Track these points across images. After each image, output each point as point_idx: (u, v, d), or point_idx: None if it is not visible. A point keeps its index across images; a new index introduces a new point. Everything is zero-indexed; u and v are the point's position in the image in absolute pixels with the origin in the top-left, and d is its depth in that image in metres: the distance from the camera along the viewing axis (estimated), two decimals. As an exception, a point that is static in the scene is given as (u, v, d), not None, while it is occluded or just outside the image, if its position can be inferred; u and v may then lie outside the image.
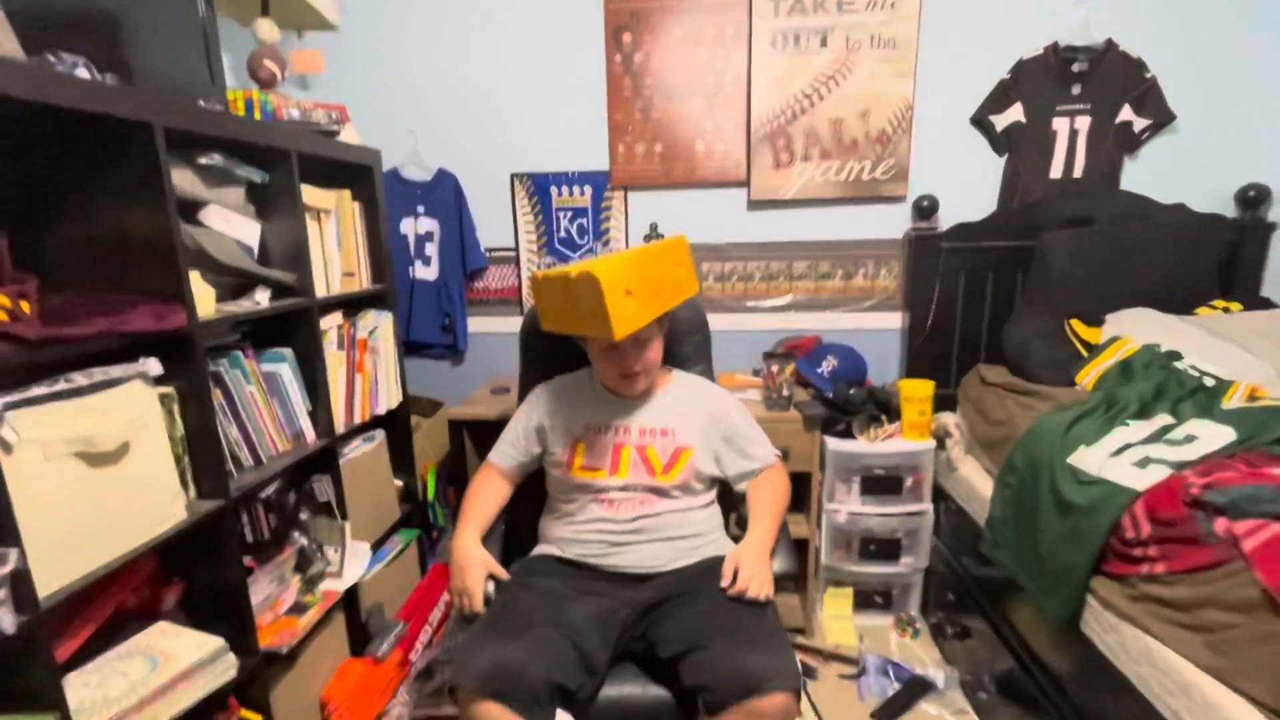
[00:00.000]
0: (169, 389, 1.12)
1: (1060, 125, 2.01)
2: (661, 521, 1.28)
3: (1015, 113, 2.02)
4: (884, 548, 1.92)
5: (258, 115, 1.42)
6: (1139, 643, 1.05)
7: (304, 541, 1.49)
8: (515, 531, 1.46)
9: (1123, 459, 1.22)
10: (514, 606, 1.16)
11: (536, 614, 1.12)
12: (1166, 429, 1.27)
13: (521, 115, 2.18)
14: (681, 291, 1.33)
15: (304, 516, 1.53)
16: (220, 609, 1.23)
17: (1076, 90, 1.98)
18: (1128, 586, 1.10)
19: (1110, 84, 1.97)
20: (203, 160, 1.22)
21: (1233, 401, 1.34)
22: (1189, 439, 1.21)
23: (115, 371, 0.99)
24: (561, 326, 1.27)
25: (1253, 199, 1.93)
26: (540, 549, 1.36)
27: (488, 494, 1.39)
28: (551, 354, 1.52)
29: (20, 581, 0.84)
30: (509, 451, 1.41)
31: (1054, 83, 1.99)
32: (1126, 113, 1.98)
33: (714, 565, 1.22)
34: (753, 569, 1.16)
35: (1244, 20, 1.91)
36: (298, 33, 1.90)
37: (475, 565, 1.24)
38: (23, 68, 0.88)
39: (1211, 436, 1.19)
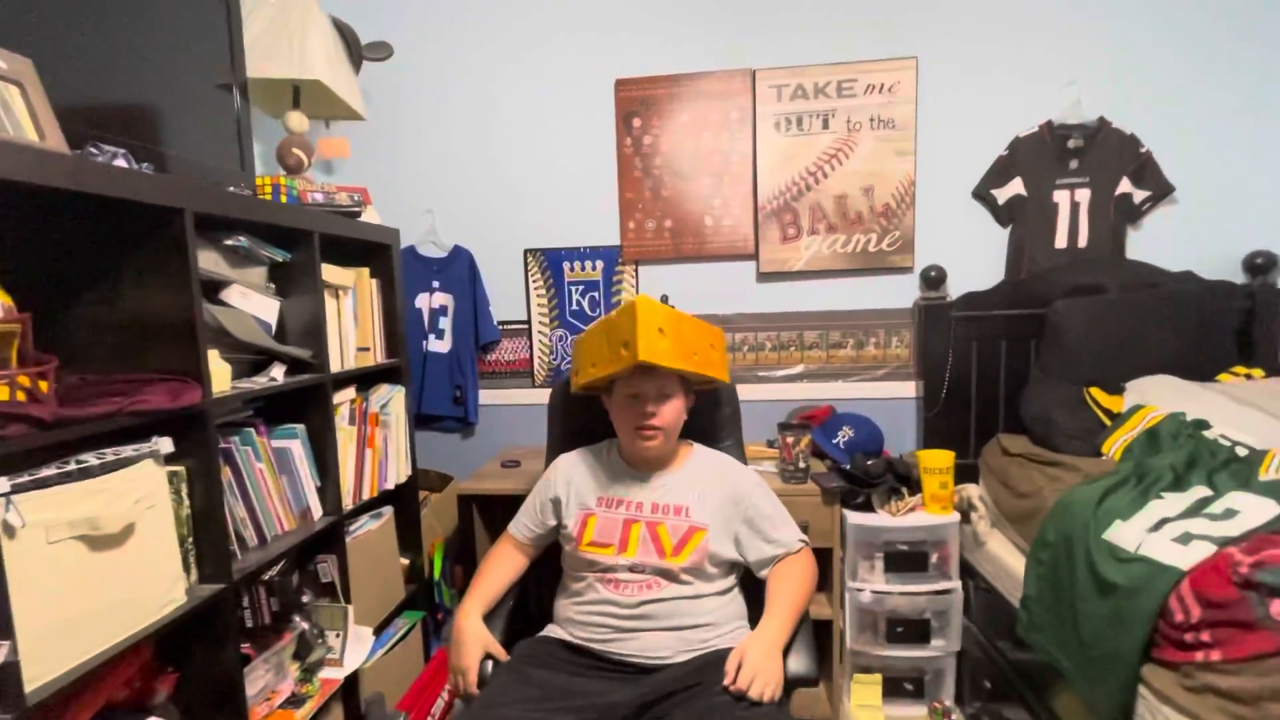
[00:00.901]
0: (179, 467, 1.10)
1: (1061, 197, 2.06)
2: (669, 608, 1.21)
3: (1016, 186, 2.07)
4: (912, 629, 1.82)
5: (284, 199, 1.48)
6: (1202, 741, 0.97)
7: (305, 626, 1.43)
8: (526, 608, 1.40)
9: (1162, 534, 1.16)
10: (497, 700, 1.09)
11: (517, 709, 1.06)
12: (1205, 502, 1.22)
13: (535, 195, 2.26)
14: (710, 366, 1.31)
15: (306, 599, 1.47)
16: (214, 702, 1.16)
17: (1074, 165, 2.04)
18: (1183, 676, 1.02)
19: (1107, 158, 2.02)
20: (229, 242, 1.26)
21: (1270, 472, 1.29)
22: (1230, 513, 1.16)
23: (127, 451, 0.98)
24: (590, 374, 1.28)
25: (1261, 265, 1.94)
26: (548, 629, 1.30)
27: (500, 567, 1.35)
28: (579, 428, 1.50)
29: (7, 676, 0.80)
30: (525, 523, 1.38)
31: (1051, 158, 2.05)
32: (1125, 185, 2.03)
33: (723, 659, 1.13)
34: (757, 665, 1.08)
35: (1232, 95, 1.99)
36: (325, 122, 2.00)
37: (473, 643, 1.21)
38: (66, 159, 0.92)
39: (1254, 510, 1.14)
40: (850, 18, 2.08)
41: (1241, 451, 1.40)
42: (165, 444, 1.04)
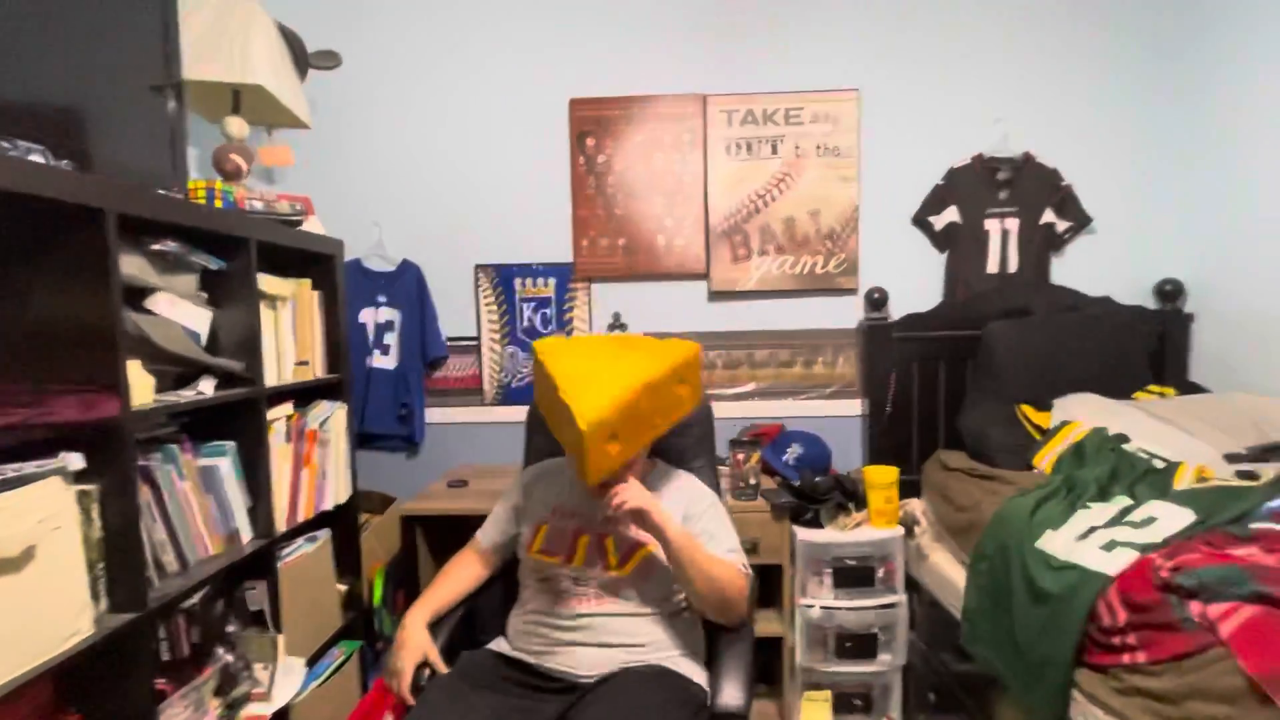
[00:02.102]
0: (90, 486, 1.02)
1: (992, 225, 2.18)
2: (604, 624, 1.17)
3: (951, 214, 2.18)
4: (860, 644, 1.84)
5: (219, 204, 1.41)
6: (1131, 741, 1.00)
7: (229, 659, 1.33)
8: (476, 618, 1.37)
9: (1090, 542, 1.22)
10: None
11: None
12: (1126, 510, 1.29)
13: (487, 210, 2.24)
14: (678, 410, 1.25)
15: (231, 629, 1.37)
16: (121, 745, 1.07)
17: (1003, 195, 2.17)
18: (1112, 679, 1.07)
19: (1032, 190, 2.16)
20: (156, 247, 1.19)
21: (1183, 482, 1.38)
22: (1149, 521, 1.23)
23: (30, 467, 0.90)
24: (546, 416, 1.25)
25: (1169, 292, 2.10)
26: (494, 643, 1.28)
27: (457, 574, 1.33)
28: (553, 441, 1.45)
29: (-125, 720, 0.71)
30: (489, 529, 1.37)
31: (983, 188, 2.17)
32: (1049, 215, 2.17)
33: (661, 676, 1.11)
34: (634, 492, 1.11)
35: (1144, 133, 2.16)
36: (268, 129, 1.94)
37: (411, 648, 1.19)
38: (-29, 151, 0.86)
39: (1171, 517, 1.21)
40: (797, 49, 2.17)
41: (1158, 464, 1.49)
42: (75, 460, 0.97)
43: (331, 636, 1.67)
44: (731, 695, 1.06)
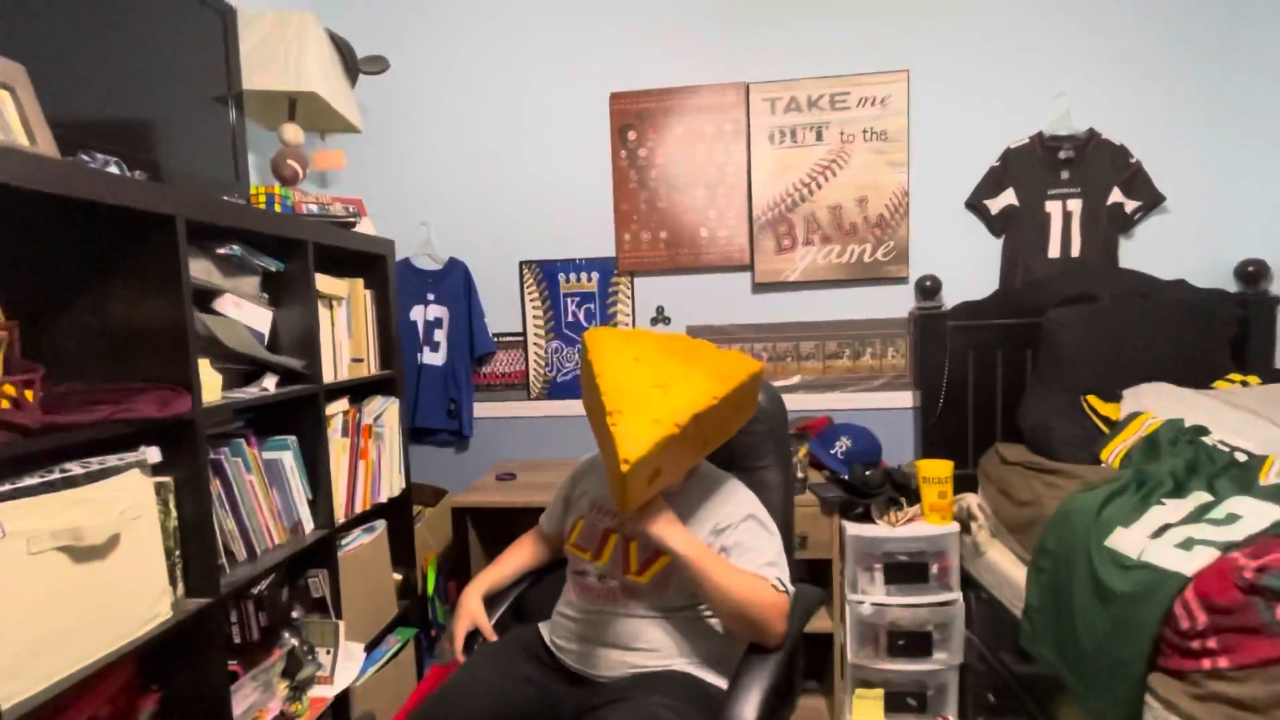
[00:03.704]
0: (166, 478, 1.08)
1: (1053, 208, 2.07)
2: (618, 625, 1.15)
3: (1008, 197, 2.09)
4: (914, 643, 1.79)
5: (278, 209, 1.47)
6: (1212, 751, 0.95)
7: (294, 643, 1.39)
8: (532, 599, 1.38)
9: (1164, 540, 1.15)
10: (452, 699, 1.10)
11: (479, 682, 1.10)
12: (1206, 507, 1.21)
13: (531, 207, 2.26)
14: (731, 428, 1.16)
15: (296, 615, 1.44)
16: (199, 722, 1.13)
17: (1065, 175, 2.06)
18: (1190, 684, 1.01)
19: (1097, 169, 2.04)
20: (222, 251, 1.25)
21: (1270, 477, 1.29)
22: (1232, 518, 1.15)
23: (113, 460, 0.96)
24: (587, 410, 1.14)
25: (1253, 274, 1.96)
26: (543, 623, 1.31)
27: (516, 554, 1.37)
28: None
29: (-16, 692, 0.77)
30: (549, 515, 1.39)
31: (1043, 169, 2.07)
32: (1116, 195, 2.05)
33: (662, 678, 1.07)
34: (648, 508, 1.03)
35: (1221, 106, 2.01)
36: (321, 134, 2.01)
37: (464, 614, 1.25)
38: (58, 164, 0.92)
39: (1256, 514, 1.13)
40: (842, 32, 2.11)
41: (1241, 457, 1.39)
42: (153, 454, 1.02)
43: (389, 624, 1.72)
44: (740, 709, 0.97)
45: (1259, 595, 0.96)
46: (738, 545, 1.12)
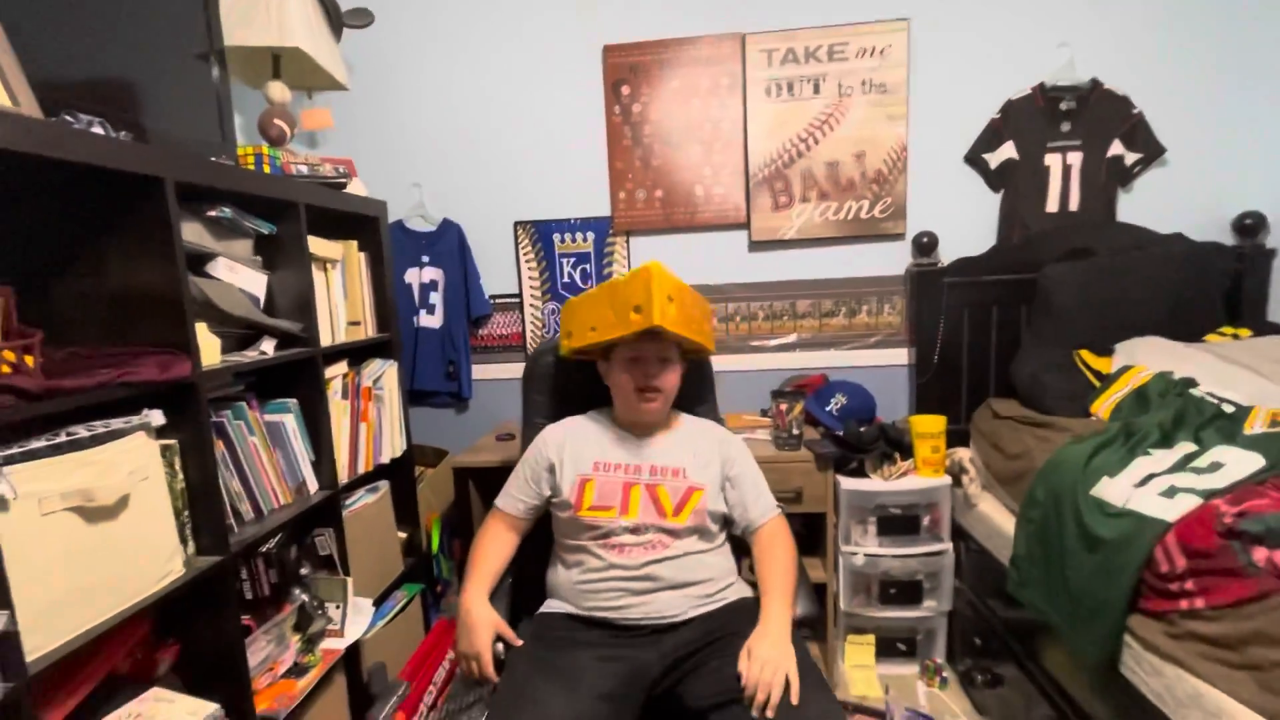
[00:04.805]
0: (171, 441, 1.10)
1: (1053, 161, 2.05)
2: (673, 567, 1.23)
3: (1008, 150, 2.06)
4: (905, 591, 1.85)
5: (267, 170, 1.45)
6: (1185, 685, 0.99)
7: (305, 598, 1.44)
8: (521, 585, 1.41)
9: (1149, 489, 1.18)
10: (527, 692, 1.07)
11: (554, 700, 1.05)
12: (1191, 457, 1.24)
13: (524, 166, 2.23)
14: (704, 336, 1.35)
15: (305, 572, 1.48)
16: (217, 672, 1.17)
17: (1066, 128, 2.03)
18: (1168, 624, 1.05)
19: (1099, 120, 2.01)
20: (212, 213, 1.24)
21: (1255, 427, 1.31)
22: (1215, 466, 1.18)
23: (117, 423, 0.98)
24: (590, 338, 1.29)
25: (1250, 227, 1.95)
26: (550, 604, 1.30)
27: (496, 546, 1.33)
28: (559, 397, 1.51)
29: (8, 646, 0.80)
30: (518, 496, 1.35)
31: (1043, 121, 2.03)
32: (1117, 147, 2.02)
33: (740, 608, 1.22)
34: (769, 659, 1.05)
35: (1223, 56, 1.97)
36: (308, 93, 1.96)
37: (483, 627, 1.19)
38: (40, 124, 0.90)
39: (1239, 463, 1.15)
40: (841, -21, 2.05)
41: (1228, 408, 1.41)
42: (156, 416, 1.04)
43: (395, 580, 1.77)
44: (803, 607, 1.25)
45: (1237, 539, 0.99)
46: (746, 478, 1.34)
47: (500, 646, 1.20)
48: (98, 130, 1.01)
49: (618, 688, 1.10)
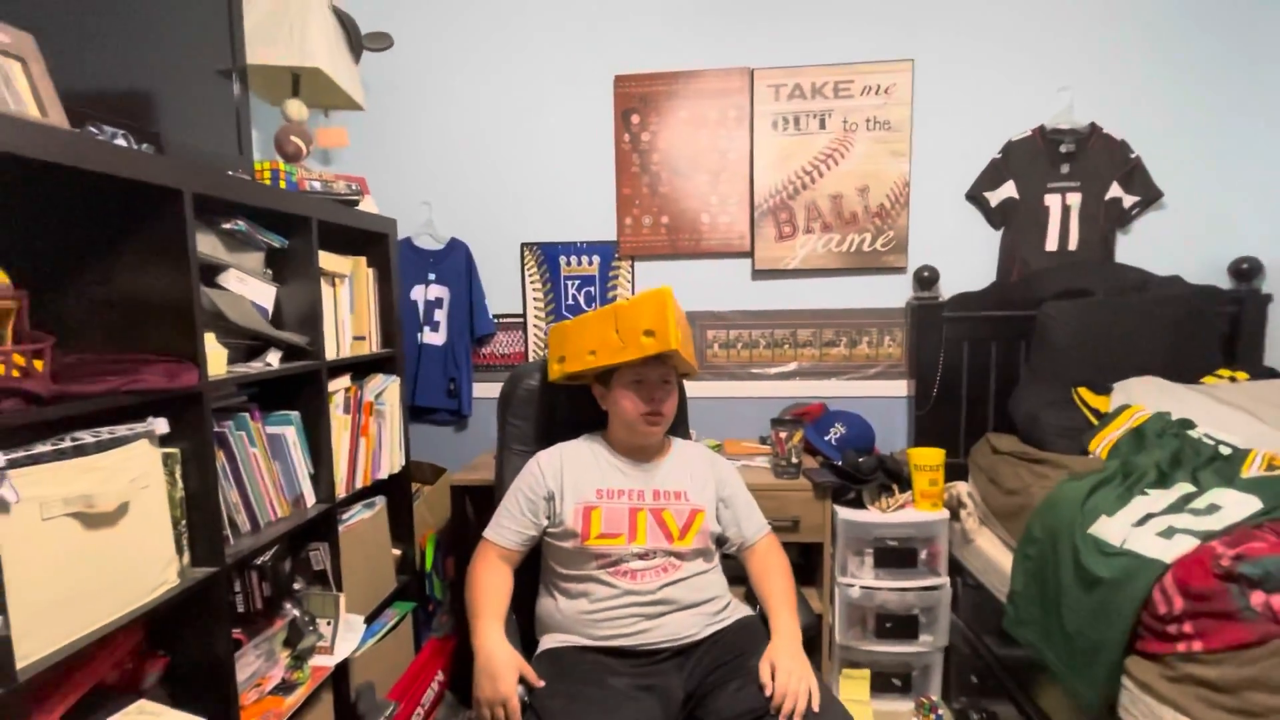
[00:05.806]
0: (173, 449, 1.10)
1: (1052, 201, 2.09)
2: (685, 588, 1.25)
3: (1008, 189, 2.10)
4: (901, 625, 1.84)
5: (282, 185, 1.48)
6: (1183, 729, 0.99)
7: (296, 613, 1.42)
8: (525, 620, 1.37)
9: (1146, 529, 1.18)
10: None
11: None
12: (1188, 498, 1.24)
13: (533, 189, 2.27)
14: (692, 359, 1.38)
15: (298, 586, 1.47)
16: (204, 686, 1.16)
17: (1065, 169, 2.07)
18: (1166, 667, 1.04)
19: (1097, 163, 2.06)
20: (227, 226, 1.26)
21: (1252, 470, 1.32)
22: (1213, 508, 1.18)
23: (122, 430, 0.98)
24: (590, 362, 1.30)
25: (1246, 271, 1.98)
26: (555, 639, 1.25)
27: (496, 584, 1.27)
28: (543, 423, 1.52)
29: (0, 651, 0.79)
30: (512, 527, 1.30)
31: (1043, 162, 2.08)
32: (1115, 190, 2.06)
33: (745, 626, 1.25)
34: (793, 669, 1.11)
35: (1220, 103, 2.02)
36: (324, 111, 2.00)
37: (506, 670, 1.12)
38: (66, 135, 0.92)
39: (1236, 505, 1.16)
40: (847, 19, 2.11)
41: (1225, 450, 1.42)
42: (161, 424, 1.04)
43: (388, 597, 1.76)
44: (802, 616, 1.28)
45: (1235, 582, 0.99)
46: (739, 498, 1.38)
47: (521, 689, 1.13)
48: (120, 142, 1.03)
49: (657, 714, 1.09)
